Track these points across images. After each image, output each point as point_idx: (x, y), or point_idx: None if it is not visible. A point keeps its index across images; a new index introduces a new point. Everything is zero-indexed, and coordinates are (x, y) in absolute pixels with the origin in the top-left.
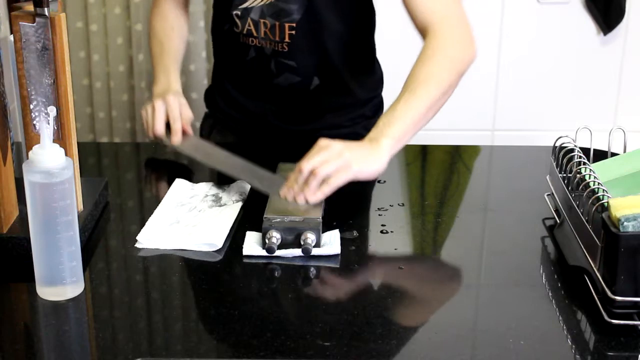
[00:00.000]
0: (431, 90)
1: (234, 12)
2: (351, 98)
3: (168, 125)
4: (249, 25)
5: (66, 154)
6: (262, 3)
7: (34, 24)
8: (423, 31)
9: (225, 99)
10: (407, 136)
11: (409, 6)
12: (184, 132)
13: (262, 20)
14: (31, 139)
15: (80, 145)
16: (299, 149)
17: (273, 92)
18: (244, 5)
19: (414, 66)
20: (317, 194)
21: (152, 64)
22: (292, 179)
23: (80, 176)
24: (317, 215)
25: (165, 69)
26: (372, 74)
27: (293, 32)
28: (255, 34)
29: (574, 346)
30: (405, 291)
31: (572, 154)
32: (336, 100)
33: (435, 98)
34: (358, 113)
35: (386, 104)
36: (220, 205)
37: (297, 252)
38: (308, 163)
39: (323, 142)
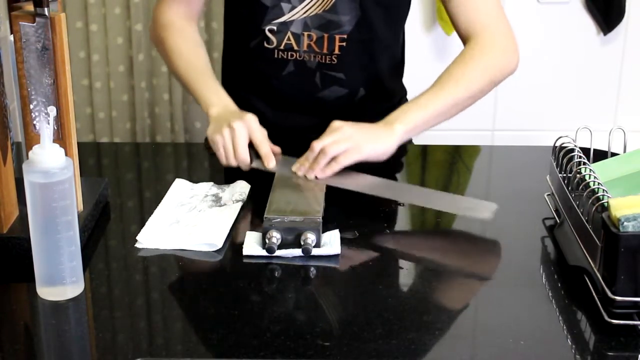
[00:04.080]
0: (459, 89)
1: (267, 28)
2: (388, 102)
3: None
4: (289, 39)
5: (66, 154)
6: (304, 15)
7: (34, 24)
8: (465, 38)
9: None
10: (423, 126)
11: (453, 14)
12: (274, 153)
13: (305, 33)
14: (31, 139)
15: (80, 145)
16: None
17: (314, 106)
18: (281, 20)
19: (449, 65)
20: (325, 171)
21: (186, 87)
22: (304, 157)
23: (80, 176)
24: (317, 215)
25: (210, 89)
26: (401, 76)
27: (344, 43)
28: (296, 47)
29: (574, 346)
30: (405, 291)
31: (572, 154)
32: (376, 107)
33: (461, 98)
34: None
35: None
36: (220, 205)
37: (297, 252)
38: (319, 142)
39: (336, 124)
